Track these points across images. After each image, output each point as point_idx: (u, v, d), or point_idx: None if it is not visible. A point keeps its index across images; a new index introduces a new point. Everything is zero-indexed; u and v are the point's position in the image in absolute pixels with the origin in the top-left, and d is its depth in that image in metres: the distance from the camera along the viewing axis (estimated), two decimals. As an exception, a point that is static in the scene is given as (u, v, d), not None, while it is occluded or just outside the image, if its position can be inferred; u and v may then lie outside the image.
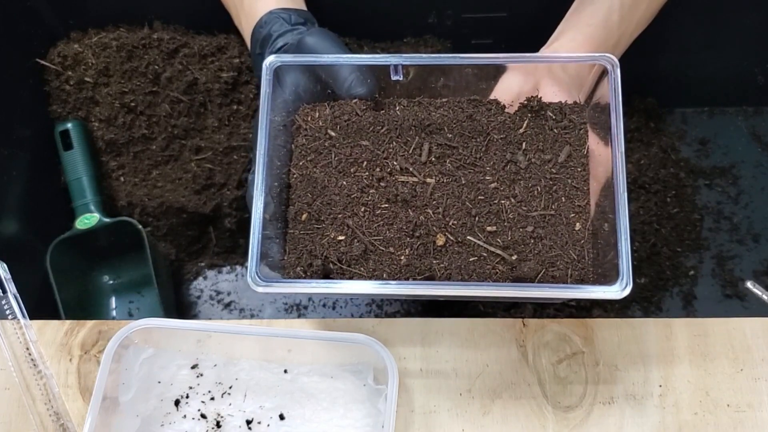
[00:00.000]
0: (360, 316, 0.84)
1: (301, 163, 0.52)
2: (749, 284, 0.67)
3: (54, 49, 0.82)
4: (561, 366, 0.56)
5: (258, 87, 0.83)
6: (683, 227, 0.87)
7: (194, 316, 0.86)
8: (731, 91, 0.92)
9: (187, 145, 0.83)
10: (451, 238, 0.49)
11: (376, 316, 0.84)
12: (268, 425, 0.55)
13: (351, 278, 0.49)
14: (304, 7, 0.71)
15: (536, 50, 0.64)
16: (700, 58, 0.88)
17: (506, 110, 0.53)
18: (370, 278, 0.49)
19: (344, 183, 0.51)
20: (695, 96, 0.93)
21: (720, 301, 0.84)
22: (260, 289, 0.47)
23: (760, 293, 0.65)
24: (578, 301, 0.82)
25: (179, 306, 0.86)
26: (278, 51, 0.65)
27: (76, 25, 0.83)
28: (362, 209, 0.50)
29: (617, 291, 0.45)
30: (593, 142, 0.51)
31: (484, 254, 0.49)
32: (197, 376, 0.57)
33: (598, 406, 0.55)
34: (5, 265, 0.60)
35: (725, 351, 0.56)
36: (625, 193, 0.46)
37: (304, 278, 0.50)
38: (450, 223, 0.49)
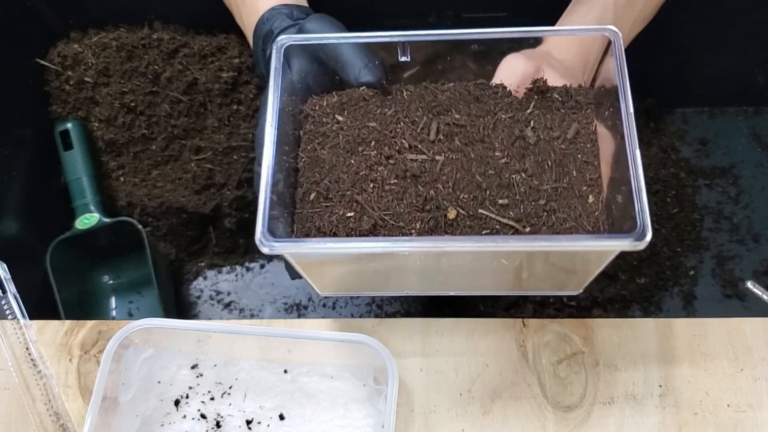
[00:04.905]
0: (360, 316, 0.84)
1: (309, 147, 0.52)
2: (749, 284, 0.67)
3: (54, 49, 0.82)
4: (561, 366, 0.56)
5: (258, 87, 0.83)
6: (683, 227, 0.87)
7: (194, 316, 0.86)
8: (731, 91, 0.92)
9: (187, 145, 0.83)
10: (462, 211, 0.48)
11: (376, 316, 0.84)
12: (268, 425, 0.55)
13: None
14: (305, 3, 0.71)
15: (536, 50, 0.64)
16: (700, 58, 0.88)
17: (512, 93, 0.53)
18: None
19: (352, 162, 0.50)
20: (695, 96, 0.93)
21: (720, 301, 0.84)
22: (267, 250, 0.45)
23: (760, 293, 0.65)
24: (578, 301, 0.82)
25: (179, 306, 0.86)
26: None
27: (76, 25, 0.83)
28: (371, 185, 0.49)
29: (635, 241, 0.43)
30: (599, 124, 0.51)
31: (497, 227, 0.48)
32: (197, 376, 0.57)
33: (598, 406, 0.55)
34: (5, 265, 0.60)
35: (725, 351, 0.56)
36: (638, 146, 0.46)
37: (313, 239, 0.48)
38: (461, 197, 0.48)
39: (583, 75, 0.57)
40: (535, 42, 0.57)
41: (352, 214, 0.49)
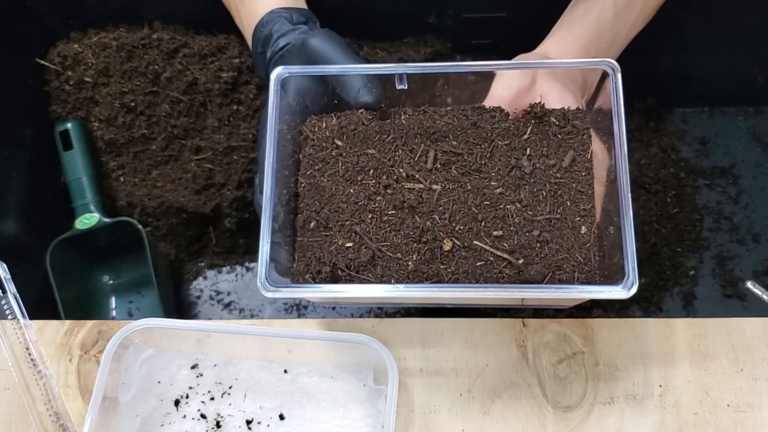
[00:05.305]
0: (360, 316, 0.84)
1: (308, 173, 0.53)
2: (749, 284, 0.67)
3: (54, 49, 0.82)
4: (561, 366, 0.56)
5: (258, 87, 0.83)
6: (683, 227, 0.87)
7: (194, 316, 0.86)
8: (731, 91, 0.92)
9: (187, 145, 0.83)
10: (458, 243, 0.49)
11: (376, 316, 0.84)
12: (268, 425, 0.55)
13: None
14: (304, 6, 0.71)
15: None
16: (700, 58, 0.88)
17: (510, 116, 0.53)
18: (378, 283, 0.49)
19: (351, 191, 0.51)
20: (695, 96, 0.93)
21: (720, 301, 0.84)
22: (270, 294, 0.47)
23: (760, 293, 0.64)
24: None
25: (179, 306, 0.86)
26: (281, 50, 0.65)
27: (76, 25, 0.83)
28: (369, 216, 0.51)
29: (623, 291, 0.45)
30: (596, 145, 0.51)
31: (491, 258, 0.49)
32: (197, 376, 0.57)
33: (598, 406, 0.55)
34: (5, 265, 0.60)
35: (725, 351, 0.56)
36: (629, 194, 0.47)
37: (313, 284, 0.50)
38: (456, 229, 0.49)
39: (581, 77, 0.57)
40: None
41: (351, 244, 0.50)
